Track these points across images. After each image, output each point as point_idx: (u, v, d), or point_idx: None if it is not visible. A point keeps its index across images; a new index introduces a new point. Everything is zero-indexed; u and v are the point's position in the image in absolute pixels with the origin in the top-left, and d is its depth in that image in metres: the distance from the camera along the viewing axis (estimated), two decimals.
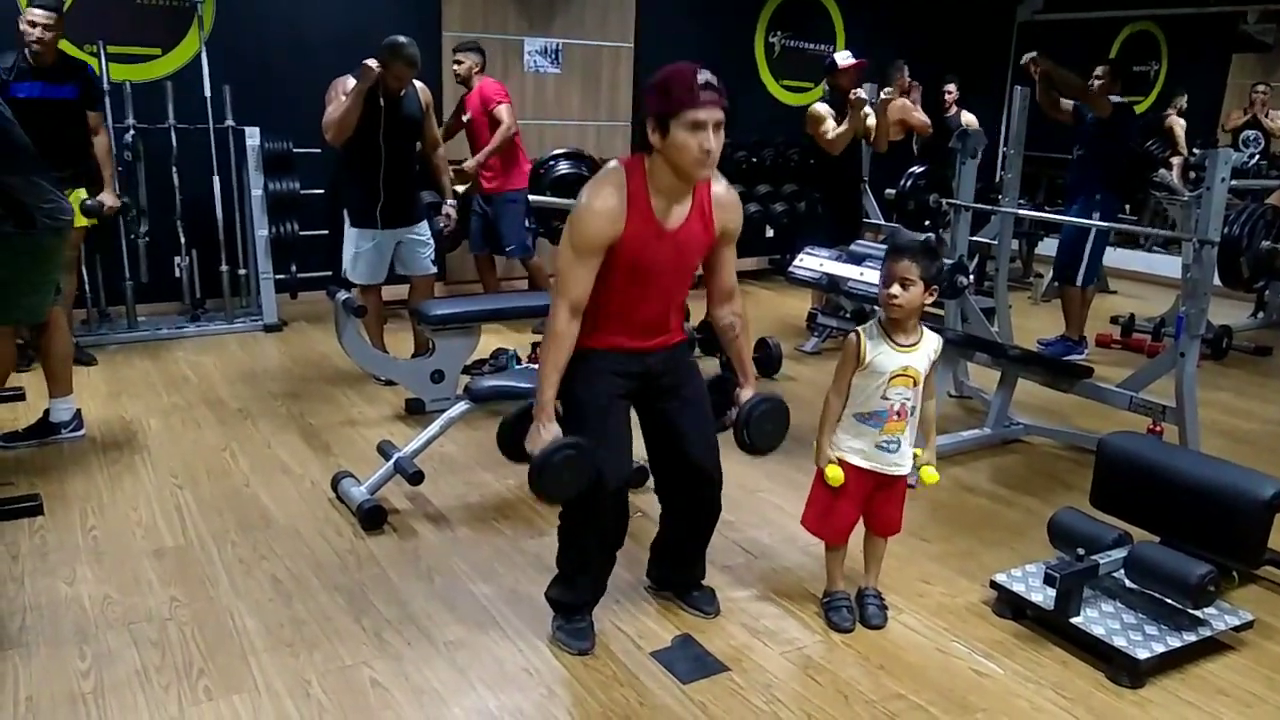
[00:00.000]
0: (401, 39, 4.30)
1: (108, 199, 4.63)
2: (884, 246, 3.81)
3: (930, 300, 2.56)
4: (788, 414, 2.66)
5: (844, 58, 5.35)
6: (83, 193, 4.51)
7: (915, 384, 2.58)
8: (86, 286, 5.32)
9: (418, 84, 4.53)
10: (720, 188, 2.45)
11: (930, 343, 2.62)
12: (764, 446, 2.64)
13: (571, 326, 2.36)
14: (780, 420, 2.65)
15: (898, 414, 2.58)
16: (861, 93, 5.15)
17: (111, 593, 2.77)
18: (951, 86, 7.04)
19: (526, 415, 2.46)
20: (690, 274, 2.51)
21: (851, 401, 2.61)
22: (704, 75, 2.22)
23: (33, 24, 4.25)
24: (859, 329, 2.63)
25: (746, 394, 2.62)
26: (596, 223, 2.30)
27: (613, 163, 2.42)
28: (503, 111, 5.35)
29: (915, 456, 2.65)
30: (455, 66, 5.47)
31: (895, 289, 2.52)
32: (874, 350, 2.56)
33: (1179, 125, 7.48)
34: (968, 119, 6.96)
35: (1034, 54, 4.68)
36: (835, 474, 2.60)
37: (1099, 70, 5.28)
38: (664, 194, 2.35)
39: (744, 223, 2.58)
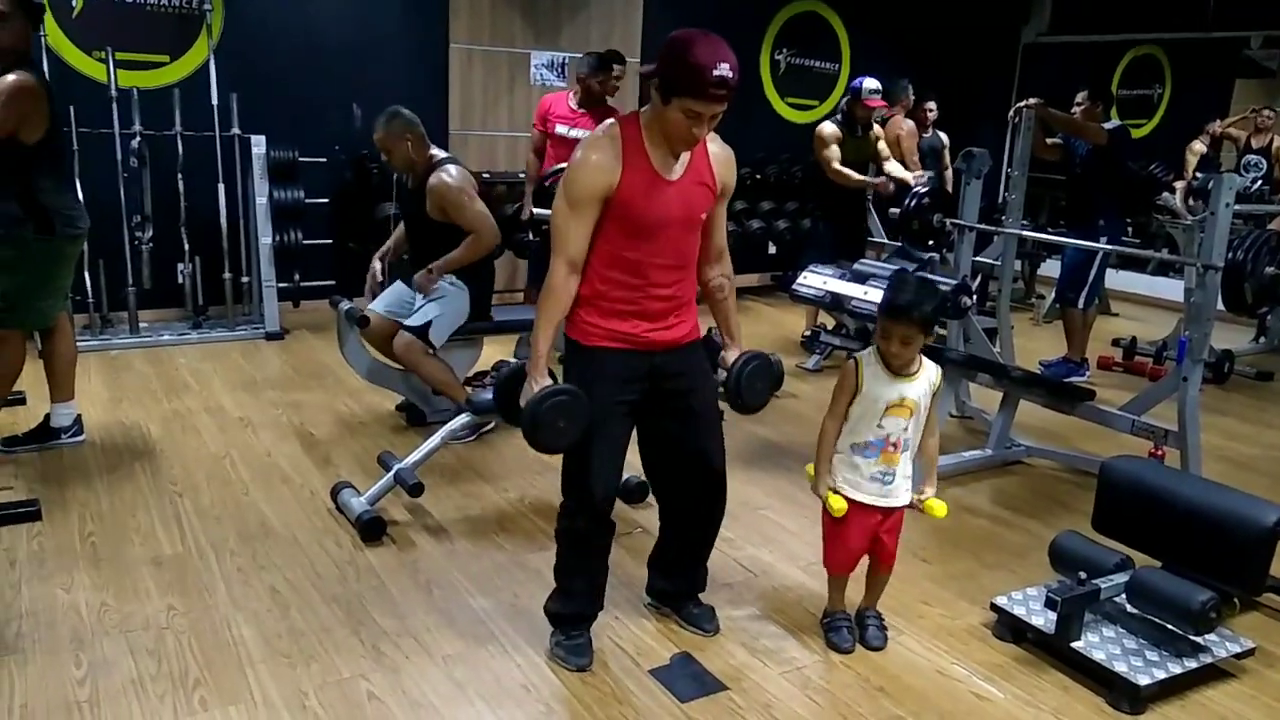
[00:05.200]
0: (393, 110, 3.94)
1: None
2: (888, 266, 3.82)
3: (931, 339, 2.58)
4: (778, 368, 2.65)
5: (871, 90, 5.39)
6: None
7: (912, 414, 2.53)
8: (89, 291, 5.32)
9: (435, 180, 3.85)
10: (716, 146, 2.45)
11: (929, 372, 2.58)
12: (756, 404, 2.65)
13: (569, 283, 2.36)
14: (770, 376, 2.65)
15: (894, 445, 2.54)
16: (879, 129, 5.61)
17: (109, 600, 2.76)
18: (931, 105, 7.03)
19: (520, 374, 2.46)
20: (697, 231, 2.46)
21: (847, 431, 2.58)
22: (721, 70, 2.20)
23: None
24: (857, 355, 2.60)
25: (733, 355, 2.62)
26: (588, 172, 2.30)
27: (608, 120, 2.41)
28: None
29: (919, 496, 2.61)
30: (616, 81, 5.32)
31: (896, 348, 2.49)
32: (871, 379, 2.53)
33: None
34: (944, 139, 7.10)
35: (1029, 101, 4.76)
36: (837, 503, 2.55)
37: (1079, 97, 5.31)
38: (660, 146, 2.34)
39: (747, 239, 2.60)
